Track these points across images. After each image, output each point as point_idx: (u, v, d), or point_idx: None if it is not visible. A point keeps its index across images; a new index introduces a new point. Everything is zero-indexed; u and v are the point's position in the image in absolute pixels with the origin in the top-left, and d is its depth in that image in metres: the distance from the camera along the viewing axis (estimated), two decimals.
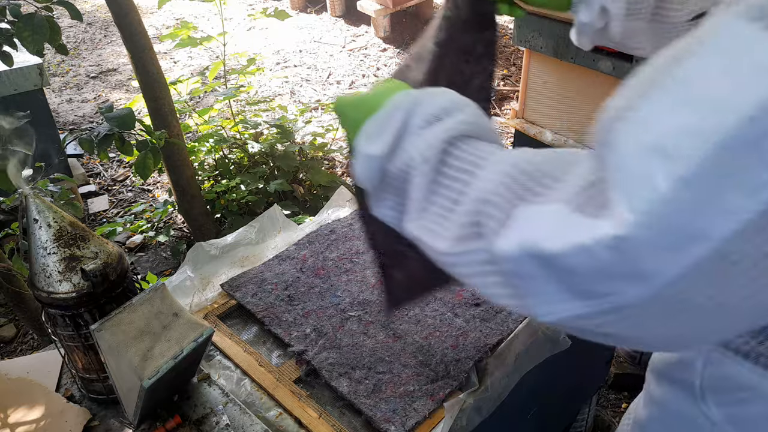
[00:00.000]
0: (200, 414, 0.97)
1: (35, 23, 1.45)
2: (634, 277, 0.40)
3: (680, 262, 0.38)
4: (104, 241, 0.94)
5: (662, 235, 0.38)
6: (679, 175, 0.37)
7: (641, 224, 0.38)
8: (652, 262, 0.39)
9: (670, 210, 0.38)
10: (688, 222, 0.37)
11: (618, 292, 0.41)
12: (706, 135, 0.36)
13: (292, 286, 1.25)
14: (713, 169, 0.36)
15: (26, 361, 1.10)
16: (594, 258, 0.40)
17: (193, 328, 0.92)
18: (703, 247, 0.37)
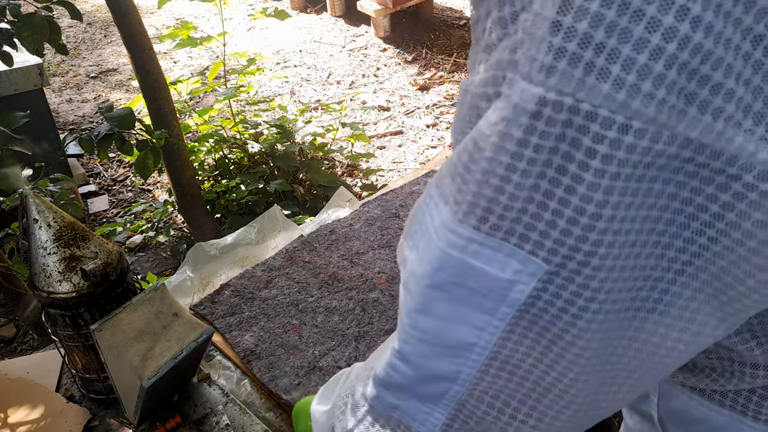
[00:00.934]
0: (200, 414, 0.97)
1: (35, 23, 1.45)
2: (443, 377, 0.46)
3: (469, 363, 0.44)
4: (104, 241, 0.94)
5: (427, 347, 0.45)
6: (413, 307, 0.44)
7: (405, 341, 0.47)
8: (442, 364, 0.45)
9: (420, 330, 0.45)
10: (447, 337, 0.43)
11: (441, 390, 0.47)
12: (416, 278, 0.44)
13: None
14: (436, 301, 0.43)
15: (26, 361, 1.10)
16: (399, 370, 0.48)
17: (193, 328, 0.92)
18: (479, 351, 0.43)
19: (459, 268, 0.40)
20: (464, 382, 0.45)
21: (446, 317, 0.43)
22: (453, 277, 0.41)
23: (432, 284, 0.42)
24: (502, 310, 0.40)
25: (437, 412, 0.48)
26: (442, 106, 3.91)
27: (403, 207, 1.52)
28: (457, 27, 5.02)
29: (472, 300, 0.41)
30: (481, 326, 0.42)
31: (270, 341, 1.12)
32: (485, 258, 0.39)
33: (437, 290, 0.42)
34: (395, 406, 0.51)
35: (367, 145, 3.48)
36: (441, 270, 0.41)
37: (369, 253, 1.36)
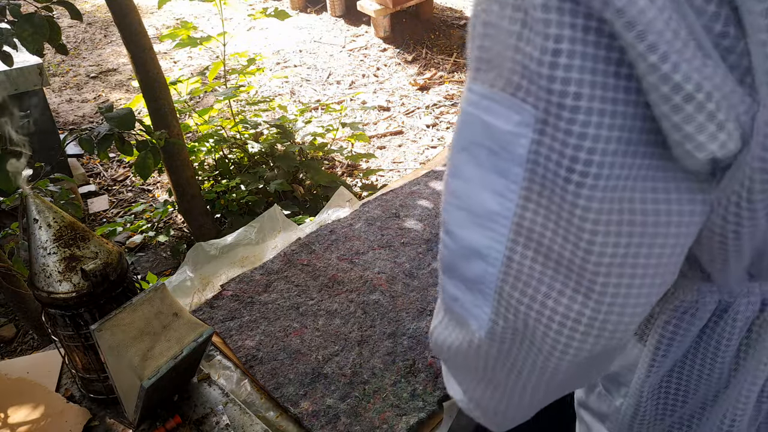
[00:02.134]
0: (200, 414, 0.97)
1: (35, 23, 1.45)
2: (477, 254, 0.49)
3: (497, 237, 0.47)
4: (104, 241, 0.94)
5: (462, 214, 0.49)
6: (447, 173, 0.50)
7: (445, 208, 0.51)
8: (474, 235, 0.49)
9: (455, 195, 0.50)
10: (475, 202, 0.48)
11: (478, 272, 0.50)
12: (452, 145, 0.49)
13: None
14: (465, 164, 0.48)
15: (26, 361, 1.10)
16: (444, 244, 0.53)
17: (193, 328, 0.92)
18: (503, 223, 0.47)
19: (476, 124, 0.45)
20: (496, 261, 0.48)
21: (472, 179, 0.47)
22: (473, 135, 0.46)
23: (459, 146, 0.47)
24: (514, 171, 0.44)
25: (485, 306, 0.50)
26: (442, 106, 3.91)
27: (403, 207, 1.52)
28: (457, 27, 5.02)
29: (490, 161, 0.45)
30: (501, 191, 0.45)
31: (272, 345, 1.12)
32: (494, 113, 0.44)
33: (464, 152, 0.47)
34: (455, 298, 0.53)
35: (367, 145, 3.48)
36: (464, 129, 0.47)
37: (369, 253, 1.36)
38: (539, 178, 0.43)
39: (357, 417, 0.97)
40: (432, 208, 1.51)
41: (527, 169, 0.43)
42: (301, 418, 0.97)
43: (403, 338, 1.11)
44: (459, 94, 4.03)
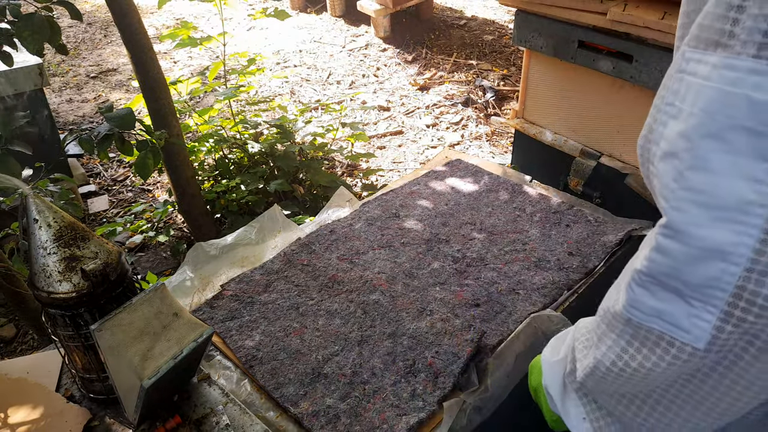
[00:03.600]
0: (200, 414, 0.97)
1: (35, 23, 1.45)
2: (717, 252, 0.45)
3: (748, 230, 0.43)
4: (104, 241, 0.94)
5: (701, 211, 0.45)
6: (683, 166, 0.46)
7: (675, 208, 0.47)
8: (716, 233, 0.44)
9: (693, 191, 0.45)
10: (723, 194, 0.43)
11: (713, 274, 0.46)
12: (687, 134, 0.45)
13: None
14: (712, 152, 0.44)
15: (26, 361, 1.10)
16: (666, 251, 0.48)
17: (193, 328, 0.92)
18: (759, 212, 0.43)
19: (737, 106, 0.41)
20: (740, 259, 0.44)
21: (723, 171, 0.43)
22: (730, 119, 0.41)
23: (707, 133, 0.43)
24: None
25: (706, 312, 0.46)
26: (442, 106, 3.91)
27: (403, 207, 1.52)
28: (457, 27, 5.02)
29: (751, 145, 0.41)
30: (761, 177, 0.41)
31: (272, 345, 1.11)
32: (764, 87, 0.40)
33: (713, 140, 0.43)
34: (658, 312, 0.49)
35: (367, 145, 3.48)
36: (717, 113, 0.42)
37: (369, 253, 1.36)
38: None
39: (357, 417, 0.97)
40: (432, 207, 1.51)
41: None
42: (301, 418, 0.97)
43: (403, 338, 1.11)
44: (459, 94, 4.02)
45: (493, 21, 5.13)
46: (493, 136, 3.61)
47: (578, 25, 1.81)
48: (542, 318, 1.14)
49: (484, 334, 1.10)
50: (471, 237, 1.40)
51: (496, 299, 1.20)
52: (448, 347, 1.08)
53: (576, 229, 1.40)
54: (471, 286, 1.24)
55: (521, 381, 1.11)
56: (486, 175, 1.64)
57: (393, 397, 1.00)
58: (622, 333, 0.53)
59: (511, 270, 1.28)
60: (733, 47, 0.41)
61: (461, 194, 1.57)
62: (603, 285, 1.31)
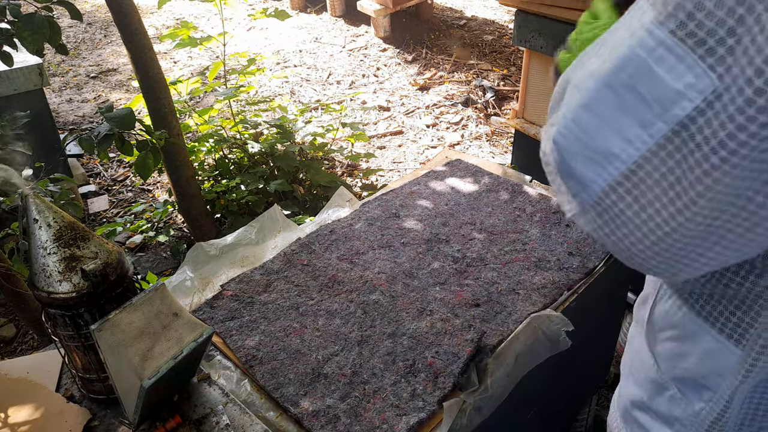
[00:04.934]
0: (200, 414, 0.97)
1: (35, 23, 1.45)
2: (578, 181, 0.53)
3: (604, 176, 0.50)
4: (104, 241, 0.94)
5: (578, 145, 0.51)
6: (580, 101, 0.51)
7: (561, 133, 0.53)
8: (582, 169, 0.52)
9: (578, 126, 0.51)
10: (598, 140, 0.50)
11: (576, 191, 0.54)
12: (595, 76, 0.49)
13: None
14: (604, 101, 0.48)
15: (26, 361, 1.10)
16: (552, 155, 0.55)
17: (193, 328, 0.92)
18: (617, 166, 0.49)
19: (639, 69, 0.45)
20: (592, 194, 0.52)
21: (605, 119, 0.48)
22: (629, 78, 0.46)
23: (607, 81, 0.48)
24: (658, 126, 0.45)
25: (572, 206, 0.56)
26: (442, 106, 3.91)
27: (403, 207, 1.52)
28: (457, 27, 5.02)
29: (635, 109, 0.46)
30: (631, 139, 0.47)
31: (272, 345, 1.11)
32: (667, 65, 0.43)
33: (609, 89, 0.47)
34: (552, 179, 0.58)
35: (367, 145, 3.48)
36: (622, 69, 0.46)
37: (369, 253, 1.36)
38: (679, 141, 0.44)
39: (357, 417, 0.97)
40: (432, 207, 1.51)
41: (673, 129, 0.44)
42: (301, 418, 0.97)
43: (403, 338, 1.11)
44: (459, 94, 4.03)
45: (493, 21, 5.13)
46: (493, 136, 3.61)
47: None
48: (542, 318, 1.14)
49: (484, 334, 1.10)
50: (471, 237, 1.40)
51: (496, 299, 1.20)
52: (448, 347, 1.08)
53: (576, 229, 1.40)
54: (471, 286, 1.24)
55: (521, 381, 1.11)
56: (486, 175, 1.64)
57: (393, 397, 1.00)
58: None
59: (511, 270, 1.28)
60: (660, 14, 0.44)
61: (461, 194, 1.57)
62: (603, 285, 1.32)
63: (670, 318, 0.69)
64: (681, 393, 0.69)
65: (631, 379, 0.79)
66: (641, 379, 0.76)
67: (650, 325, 0.74)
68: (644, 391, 0.75)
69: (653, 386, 0.73)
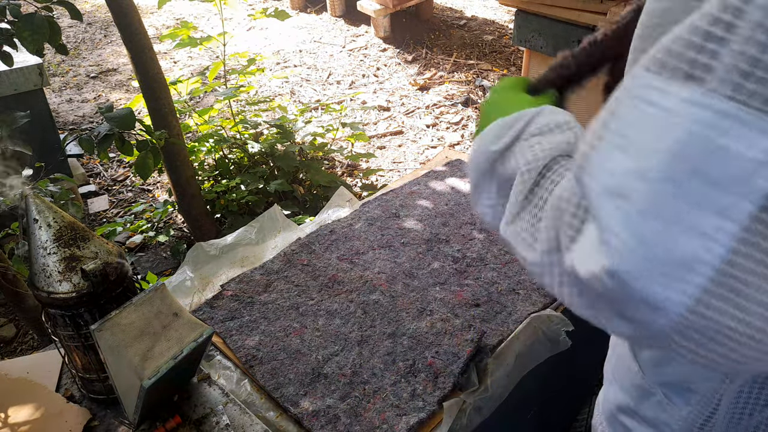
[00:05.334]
0: (200, 414, 0.97)
1: (35, 23, 1.45)
2: (651, 306, 0.40)
3: (689, 290, 0.39)
4: (104, 241, 0.94)
5: (649, 265, 0.39)
6: (636, 209, 0.39)
7: (620, 255, 0.40)
8: (659, 290, 0.39)
9: (643, 240, 0.39)
10: (673, 249, 0.39)
11: (647, 320, 0.42)
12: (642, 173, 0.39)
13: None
14: (668, 200, 0.38)
15: (26, 361, 1.10)
16: (605, 286, 0.42)
17: (193, 328, 0.92)
18: (703, 271, 0.38)
19: (703, 149, 0.37)
20: (675, 316, 0.40)
21: (675, 220, 0.38)
22: (693, 164, 0.37)
23: (667, 176, 0.38)
24: (741, 207, 0.37)
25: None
26: (442, 106, 3.91)
27: (403, 207, 1.52)
28: (457, 27, 5.02)
29: (709, 198, 0.37)
30: (710, 233, 0.38)
31: (272, 345, 1.11)
32: (735, 136, 0.36)
33: (671, 184, 0.38)
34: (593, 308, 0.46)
35: (367, 145, 3.48)
36: (681, 155, 0.38)
37: (369, 253, 1.36)
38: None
39: (357, 417, 0.97)
40: (432, 207, 1.51)
41: (761, 206, 0.37)
42: (301, 418, 0.97)
43: (403, 338, 1.11)
44: (459, 94, 4.03)
45: (493, 21, 5.13)
46: None
47: (578, 25, 1.81)
48: (542, 318, 1.14)
49: (484, 334, 1.10)
50: (471, 237, 1.40)
51: (496, 299, 1.20)
52: (448, 347, 1.08)
53: None
54: (471, 286, 1.24)
55: (521, 381, 1.11)
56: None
57: (393, 397, 1.00)
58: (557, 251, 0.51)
59: (511, 270, 1.28)
60: (709, 83, 0.37)
61: (461, 194, 1.57)
62: None
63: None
64: (667, 398, 0.69)
65: (615, 384, 0.79)
66: (626, 384, 0.76)
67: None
68: (630, 397, 0.75)
69: (639, 392, 0.73)
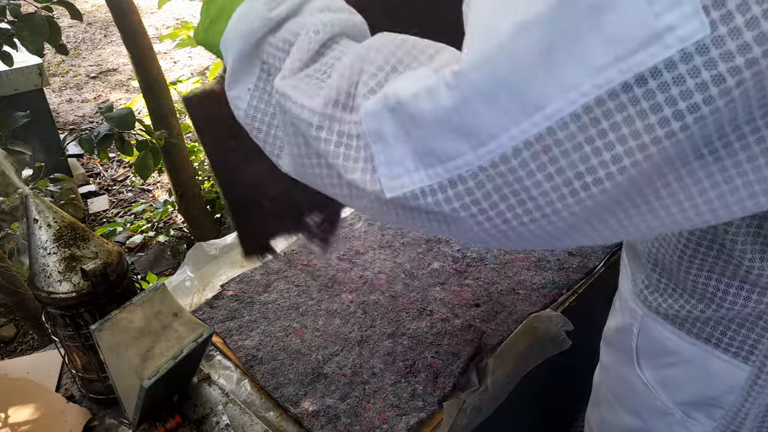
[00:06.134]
0: (200, 414, 0.97)
1: (35, 23, 1.45)
2: (473, 137, 0.38)
3: (513, 131, 0.37)
4: (104, 241, 0.94)
5: (495, 85, 0.36)
6: (519, 20, 0.35)
7: (476, 63, 0.37)
8: (489, 119, 0.37)
9: (505, 54, 0.36)
10: (523, 81, 0.35)
11: (459, 153, 0.39)
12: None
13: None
14: (552, 26, 0.34)
15: (26, 361, 1.10)
16: (436, 102, 0.39)
17: (193, 328, 0.92)
18: (537, 120, 0.36)
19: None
20: (487, 155, 0.38)
21: (543, 51, 0.35)
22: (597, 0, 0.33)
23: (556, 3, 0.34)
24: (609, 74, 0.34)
25: (419, 176, 0.41)
26: None
27: None
28: None
29: (588, 47, 0.34)
30: (567, 86, 0.35)
31: (272, 345, 1.11)
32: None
33: (566, 8, 0.34)
34: (382, 138, 0.43)
35: None
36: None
37: (369, 254, 1.36)
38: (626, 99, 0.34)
39: (357, 417, 0.97)
40: None
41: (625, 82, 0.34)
42: (301, 418, 0.97)
43: (403, 338, 1.11)
44: None
45: None
46: None
47: None
48: (542, 318, 1.14)
49: (484, 334, 1.10)
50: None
51: (496, 299, 1.20)
52: (448, 347, 1.08)
53: None
54: (471, 286, 1.24)
55: (521, 381, 1.11)
56: None
57: (393, 397, 1.00)
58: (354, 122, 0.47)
59: (510, 270, 1.28)
60: None
61: None
62: (603, 285, 1.31)
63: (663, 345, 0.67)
64: (688, 416, 0.68)
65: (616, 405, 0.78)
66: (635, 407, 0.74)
67: (640, 354, 0.72)
68: (641, 419, 0.74)
69: (651, 413, 0.72)
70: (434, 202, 0.41)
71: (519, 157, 0.37)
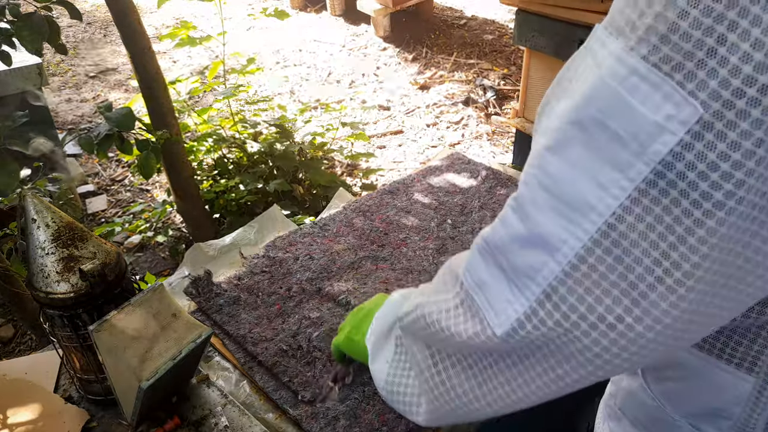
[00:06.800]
0: (199, 415, 0.96)
1: (34, 23, 1.44)
2: (548, 245, 0.43)
3: (578, 233, 0.42)
4: (102, 242, 0.93)
5: (545, 195, 0.43)
6: (545, 144, 0.43)
7: (524, 181, 0.45)
8: (550, 224, 0.43)
9: (545, 171, 0.43)
10: (569, 188, 0.41)
11: (543, 263, 0.44)
12: (559, 113, 0.43)
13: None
14: (572, 141, 0.41)
15: (24, 362, 1.10)
16: (507, 225, 0.46)
17: (192, 329, 0.92)
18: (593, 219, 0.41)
19: (611, 101, 0.39)
20: (564, 259, 0.42)
21: (576, 163, 0.41)
22: (600, 113, 0.39)
23: (576, 119, 0.41)
24: (637, 168, 0.38)
25: (519, 303, 0.46)
26: (443, 106, 3.90)
27: (404, 207, 1.51)
28: (457, 26, 5.02)
29: (609, 149, 0.39)
30: (607, 186, 0.39)
31: (271, 346, 1.11)
32: (641, 95, 0.37)
33: (578, 128, 0.40)
34: (482, 283, 0.49)
35: (367, 145, 3.48)
36: (592, 101, 0.40)
37: (368, 264, 1.35)
38: (664, 185, 0.38)
39: (356, 419, 0.97)
40: (432, 206, 1.51)
41: (655, 170, 0.38)
42: (301, 420, 0.97)
43: None
44: (460, 94, 4.02)
45: (494, 20, 5.13)
46: (494, 135, 3.60)
47: (579, 24, 1.81)
48: None
49: None
50: (472, 236, 1.39)
51: None
52: None
53: None
54: None
55: None
56: (486, 174, 1.64)
57: None
58: (455, 293, 0.54)
59: None
60: (631, 40, 0.39)
61: (461, 193, 1.56)
62: None
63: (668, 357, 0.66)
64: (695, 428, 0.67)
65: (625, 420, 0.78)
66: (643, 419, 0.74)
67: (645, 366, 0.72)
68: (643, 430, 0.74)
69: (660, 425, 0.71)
70: (539, 321, 0.45)
71: (593, 255, 0.41)
